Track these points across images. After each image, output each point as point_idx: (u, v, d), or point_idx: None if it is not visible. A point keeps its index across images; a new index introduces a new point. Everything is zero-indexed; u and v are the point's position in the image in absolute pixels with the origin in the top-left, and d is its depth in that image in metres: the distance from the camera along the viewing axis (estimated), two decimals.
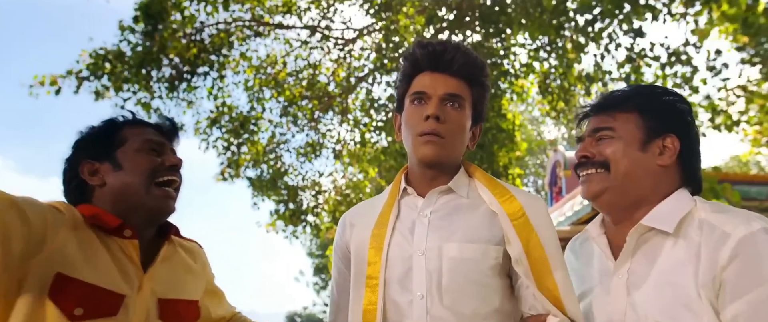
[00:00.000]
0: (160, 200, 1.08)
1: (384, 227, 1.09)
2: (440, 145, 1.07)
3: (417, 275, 1.03)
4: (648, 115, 1.07)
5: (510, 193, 1.08)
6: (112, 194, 1.07)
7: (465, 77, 1.11)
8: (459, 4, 6.28)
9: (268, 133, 7.67)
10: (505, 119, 6.48)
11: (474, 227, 1.05)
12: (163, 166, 1.09)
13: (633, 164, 1.05)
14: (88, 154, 1.09)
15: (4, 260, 0.87)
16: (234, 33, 6.65)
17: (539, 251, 1.01)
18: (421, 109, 1.09)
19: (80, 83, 5.45)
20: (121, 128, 1.11)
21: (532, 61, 6.76)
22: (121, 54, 5.50)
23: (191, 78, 6.20)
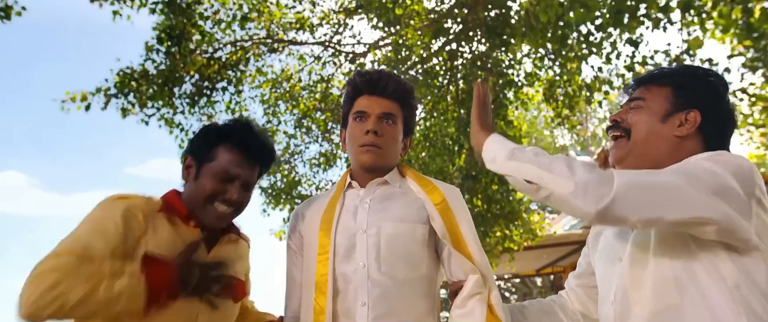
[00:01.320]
0: (211, 217, 1.29)
1: (332, 212, 1.35)
2: (377, 153, 1.35)
3: (360, 249, 1.29)
4: (680, 90, 1.15)
5: (433, 185, 1.35)
6: (187, 193, 1.31)
7: (397, 99, 1.39)
8: (465, 17, 6.50)
9: (282, 144, 7.95)
10: (511, 126, 6.65)
11: (405, 210, 1.33)
12: (223, 197, 1.29)
13: (650, 133, 1.14)
14: (192, 150, 1.33)
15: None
16: (250, 49, 6.95)
17: (456, 227, 1.29)
18: (362, 125, 1.36)
19: (108, 100, 5.80)
20: (220, 144, 1.31)
21: (536, 70, 6.94)
22: (146, 72, 5.84)
23: (211, 93, 6.51)
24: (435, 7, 7.04)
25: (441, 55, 6.89)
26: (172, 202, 1.29)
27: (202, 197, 1.28)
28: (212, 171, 1.29)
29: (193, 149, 1.33)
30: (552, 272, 11.40)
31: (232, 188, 1.29)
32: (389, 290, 1.26)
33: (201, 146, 1.32)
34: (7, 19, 4.39)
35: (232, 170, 1.29)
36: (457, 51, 6.85)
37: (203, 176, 1.29)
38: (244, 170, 1.31)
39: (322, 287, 1.27)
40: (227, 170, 1.29)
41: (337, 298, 1.27)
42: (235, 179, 1.29)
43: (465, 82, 6.71)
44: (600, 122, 20.49)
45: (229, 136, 1.32)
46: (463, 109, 6.60)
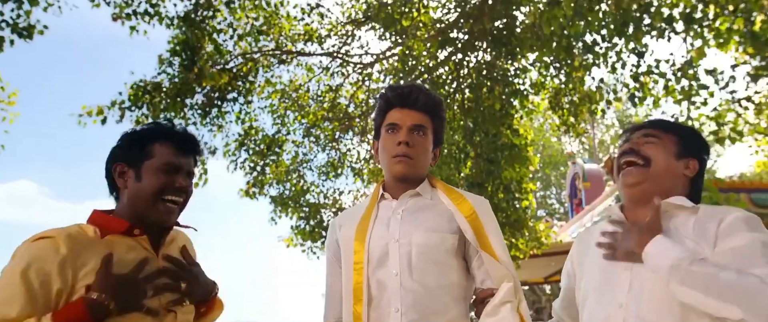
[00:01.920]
0: (162, 214, 1.31)
1: (366, 223, 1.43)
2: (409, 164, 1.42)
3: (392, 258, 1.36)
4: (684, 140, 1.38)
5: (463, 197, 1.42)
6: (129, 198, 1.31)
7: (427, 111, 1.46)
8: (470, 27, 6.59)
9: (291, 153, 8.06)
10: (517, 135, 6.70)
11: (436, 220, 1.40)
12: (172, 186, 1.31)
13: (668, 166, 1.33)
14: (122, 158, 1.33)
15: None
16: (260, 61, 7.08)
17: (485, 238, 1.37)
18: (394, 136, 1.43)
19: (123, 113, 5.94)
20: (152, 142, 1.33)
21: (542, 79, 6.99)
22: (159, 85, 5.99)
23: (222, 104, 6.64)
24: (441, 18, 7.14)
25: (447, 65, 6.98)
26: (104, 222, 1.28)
27: (151, 193, 1.29)
28: (155, 166, 1.30)
29: (122, 156, 1.33)
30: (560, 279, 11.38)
31: (178, 177, 1.32)
32: (421, 297, 1.32)
33: (132, 150, 1.33)
34: (30, 39, 4.52)
35: (175, 160, 1.33)
36: (463, 61, 6.93)
37: (146, 175, 1.30)
38: (184, 158, 1.35)
39: (358, 295, 1.35)
40: (171, 162, 1.32)
41: (371, 304, 1.35)
42: (179, 169, 1.33)
43: (471, 91, 6.78)
44: (607, 129, 20.47)
45: (158, 134, 1.35)
46: (469, 118, 6.67)
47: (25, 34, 4.50)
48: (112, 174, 1.33)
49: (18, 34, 4.52)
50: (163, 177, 1.31)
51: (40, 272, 1.14)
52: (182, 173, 1.35)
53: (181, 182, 1.33)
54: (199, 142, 1.43)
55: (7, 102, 5.47)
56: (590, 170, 11.93)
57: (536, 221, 7.05)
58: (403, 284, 1.34)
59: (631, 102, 5.36)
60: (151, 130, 1.36)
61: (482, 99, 6.53)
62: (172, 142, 1.35)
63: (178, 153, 1.35)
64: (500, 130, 6.38)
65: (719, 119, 5.36)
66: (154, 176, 1.31)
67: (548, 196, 20.75)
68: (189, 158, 1.38)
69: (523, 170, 6.44)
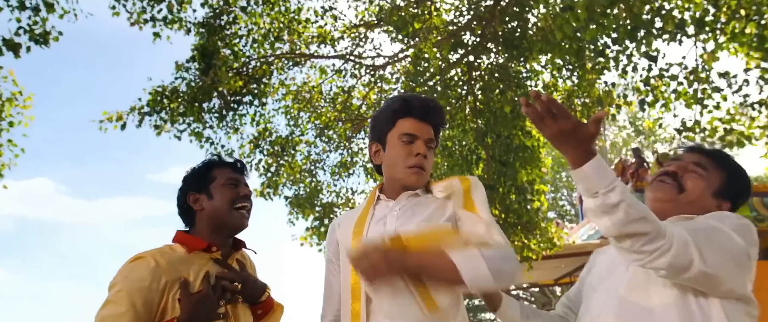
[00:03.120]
0: (238, 219, 1.56)
1: (363, 221, 1.48)
2: (423, 175, 1.48)
3: None
4: (729, 182, 1.37)
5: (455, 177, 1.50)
6: (208, 216, 1.55)
7: (436, 126, 1.52)
8: (482, 30, 6.64)
9: (304, 153, 8.16)
10: (529, 137, 6.73)
11: (429, 213, 1.43)
12: (239, 196, 1.57)
13: (699, 201, 1.34)
14: (191, 188, 1.58)
15: None
16: (274, 63, 7.20)
17: (470, 198, 1.43)
18: (411, 148, 1.46)
19: (142, 118, 6.10)
20: (212, 169, 1.61)
21: (555, 80, 7.02)
22: (177, 90, 6.13)
23: (237, 107, 6.77)
24: (453, 20, 7.20)
25: (459, 67, 7.03)
26: (190, 242, 1.52)
27: (227, 205, 1.54)
28: (220, 184, 1.57)
29: (191, 187, 1.58)
30: (570, 281, 11.37)
31: (241, 187, 1.59)
32: None
33: (197, 180, 1.58)
34: (46, 45, 4.66)
35: (234, 176, 1.59)
36: (474, 63, 6.98)
37: (216, 193, 1.56)
38: (240, 175, 1.62)
39: (356, 293, 1.39)
40: (232, 177, 1.58)
41: (370, 301, 1.38)
42: (239, 182, 1.59)
43: (483, 94, 6.83)
44: (620, 130, 20.34)
45: (214, 163, 1.62)
46: (481, 120, 6.72)
47: (41, 41, 4.63)
48: (188, 203, 1.57)
49: (34, 40, 4.66)
50: (230, 190, 1.56)
51: (142, 290, 1.36)
52: (242, 184, 1.60)
53: (245, 190, 1.59)
54: (243, 163, 1.68)
55: (22, 106, 5.63)
56: None
57: (548, 222, 7.07)
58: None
59: (640, 107, 5.37)
60: (208, 162, 1.63)
61: (494, 101, 6.58)
62: (227, 165, 1.62)
63: (234, 171, 1.61)
64: (512, 132, 6.42)
65: (731, 123, 5.36)
66: (223, 190, 1.56)
67: (559, 198, 20.69)
68: (243, 176, 1.64)
69: (535, 171, 6.47)
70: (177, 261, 1.45)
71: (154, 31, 5.85)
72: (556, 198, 19.97)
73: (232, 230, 1.57)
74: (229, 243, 1.60)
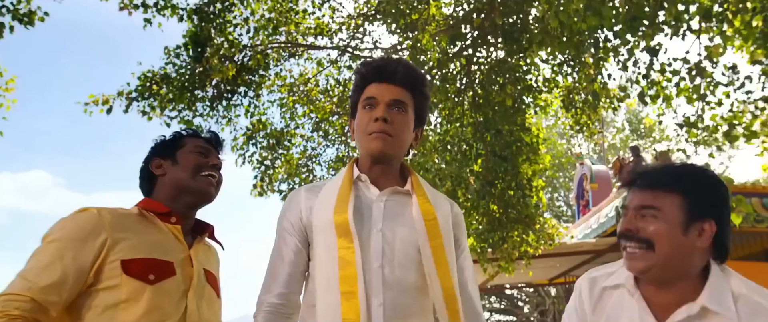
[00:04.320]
0: (204, 185, 1.44)
1: (345, 201, 1.28)
2: (387, 141, 1.31)
3: (375, 248, 1.26)
4: (691, 199, 1.15)
5: (434, 199, 1.39)
6: (169, 181, 1.43)
7: (407, 86, 1.35)
8: (481, 23, 6.54)
9: (300, 147, 8.04)
10: (528, 133, 6.64)
11: (413, 219, 1.32)
12: (207, 164, 1.46)
13: (675, 247, 1.13)
14: (157, 154, 1.48)
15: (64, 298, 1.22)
16: (270, 55, 7.07)
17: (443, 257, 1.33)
18: (371, 112, 1.32)
19: (130, 103, 5.95)
20: (182, 137, 1.51)
21: (555, 76, 6.92)
22: (167, 76, 5.99)
23: (231, 97, 6.64)
24: (452, 14, 7.10)
25: (458, 61, 6.93)
26: (148, 204, 1.41)
27: (190, 171, 1.43)
28: (188, 150, 1.46)
29: (157, 153, 1.48)
30: (565, 281, 11.29)
31: (210, 157, 1.48)
32: (401, 295, 1.25)
33: (165, 146, 1.48)
34: (31, 25, 4.51)
35: (206, 145, 1.49)
36: (473, 56, 6.87)
37: (182, 159, 1.45)
38: (212, 147, 1.51)
39: (352, 288, 1.22)
40: (202, 145, 1.48)
41: None
42: (210, 152, 1.49)
43: (482, 88, 6.72)
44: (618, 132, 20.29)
45: (186, 133, 1.53)
46: (480, 115, 6.62)
47: (25, 21, 4.48)
48: (150, 170, 1.46)
49: (18, 20, 4.48)
50: (197, 156, 1.46)
51: (76, 243, 1.23)
52: (213, 155, 1.50)
53: (215, 160, 1.48)
54: (220, 136, 1.58)
55: (4, 89, 5.46)
56: (598, 172, 11.81)
57: (547, 218, 6.98)
58: (385, 279, 1.25)
59: (640, 100, 5.26)
60: (179, 132, 1.54)
61: (493, 95, 6.48)
62: (199, 137, 1.52)
63: (206, 143, 1.51)
64: (512, 127, 6.33)
65: (734, 120, 5.27)
66: (190, 156, 1.45)
67: (556, 198, 20.62)
68: (216, 149, 1.53)
69: (534, 166, 6.38)
70: (127, 221, 1.33)
71: (145, 18, 5.72)
72: (553, 198, 19.90)
73: (196, 198, 1.43)
74: (192, 218, 1.47)
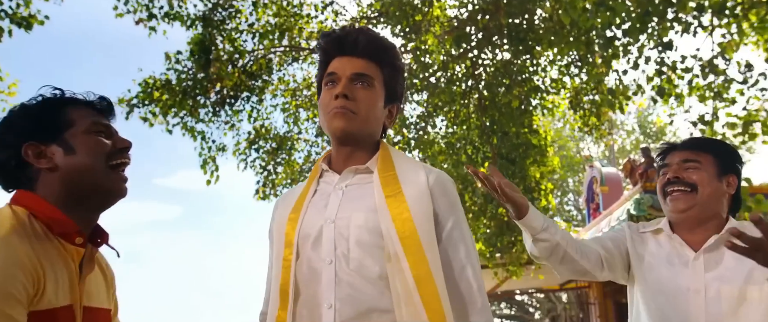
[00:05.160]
0: (118, 182, 1.06)
1: (301, 203, 1.17)
2: (350, 118, 1.14)
3: (326, 242, 1.10)
4: (721, 157, 1.49)
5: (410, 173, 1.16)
6: (64, 178, 1.01)
7: (372, 58, 1.18)
8: (486, 23, 6.43)
9: (304, 152, 7.96)
10: (536, 135, 6.51)
11: (377, 199, 1.11)
12: (116, 148, 1.07)
13: (713, 190, 1.45)
14: (30, 136, 1.02)
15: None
16: (274, 59, 7.02)
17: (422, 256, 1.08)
18: (333, 90, 1.16)
19: (131, 110, 5.91)
20: (64, 108, 1.06)
21: (562, 77, 6.80)
22: (169, 82, 5.94)
23: (234, 103, 6.58)
24: (457, 16, 7.00)
25: (463, 62, 6.82)
26: (48, 212, 0.98)
27: (99, 161, 1.03)
28: (82, 131, 1.04)
29: (30, 133, 1.02)
30: (576, 286, 11.08)
31: (116, 138, 1.09)
32: (359, 290, 1.06)
33: (40, 123, 1.03)
34: (29, 29, 4.45)
35: (104, 120, 1.09)
36: (479, 57, 6.76)
37: (78, 144, 1.03)
38: (108, 119, 1.11)
39: (284, 297, 1.11)
40: (99, 121, 1.07)
41: (299, 300, 1.10)
42: (110, 130, 1.09)
43: (488, 90, 6.61)
44: (628, 135, 20.04)
45: (63, 100, 1.08)
46: (486, 117, 6.50)
47: (24, 25, 4.43)
48: (24, 159, 1.01)
49: (17, 24, 4.42)
50: (101, 141, 1.06)
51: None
52: (116, 133, 1.10)
53: (123, 141, 1.09)
54: (111, 102, 1.15)
55: (7, 93, 5.39)
56: (608, 174, 11.60)
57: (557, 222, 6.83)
58: (338, 275, 1.08)
59: (658, 95, 5.10)
60: (56, 99, 1.08)
61: (500, 97, 6.36)
62: (86, 105, 1.09)
63: (101, 115, 1.10)
64: (520, 129, 6.20)
65: (749, 118, 5.12)
66: (91, 141, 1.04)
67: (566, 202, 20.38)
68: (111, 120, 1.13)
69: (542, 169, 6.24)
70: (45, 248, 0.95)
71: (150, 26, 5.69)
72: (563, 202, 19.66)
73: (104, 200, 1.06)
74: (93, 225, 1.08)
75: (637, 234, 1.57)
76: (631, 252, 1.54)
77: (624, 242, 1.56)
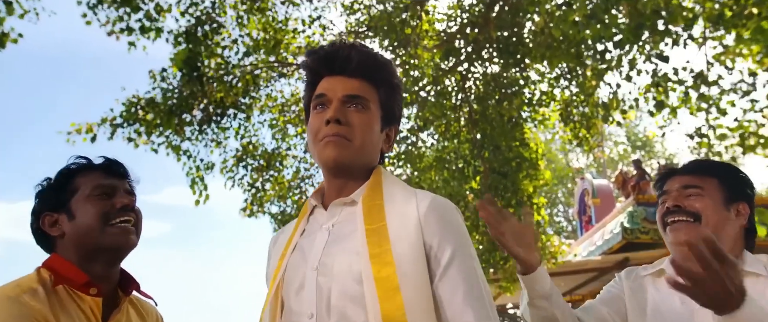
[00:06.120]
0: (117, 236, 1.13)
1: (288, 247, 1.05)
2: (344, 146, 1.00)
3: (308, 293, 0.96)
4: (727, 183, 1.30)
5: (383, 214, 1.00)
6: (72, 242, 1.13)
7: (367, 77, 1.05)
8: (476, 37, 6.39)
9: (292, 168, 7.81)
10: (527, 148, 6.45)
11: (358, 240, 0.97)
12: (114, 208, 1.13)
13: (720, 219, 1.26)
14: (47, 206, 1.16)
15: None
16: (260, 75, 6.89)
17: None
18: (322, 114, 1.03)
19: (114, 130, 5.73)
20: (73, 177, 1.16)
21: (552, 89, 6.76)
22: (153, 101, 5.79)
23: (220, 120, 6.43)
24: (445, 28, 6.95)
25: (453, 76, 6.76)
26: (64, 270, 1.10)
27: (95, 222, 1.11)
28: (85, 195, 1.14)
29: (45, 204, 1.16)
30: (570, 300, 10.99)
31: (117, 198, 1.15)
32: None
33: (52, 194, 1.16)
34: (2, 47, 4.35)
35: (106, 181, 1.16)
36: (469, 71, 6.71)
37: (79, 209, 1.13)
38: (116, 179, 1.18)
39: None
40: (101, 184, 1.15)
41: None
42: (114, 189, 1.16)
43: (478, 103, 6.54)
44: (616, 145, 20.17)
45: (77, 169, 1.18)
46: (477, 131, 6.43)
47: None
48: (43, 229, 1.15)
49: None
50: (99, 201, 1.14)
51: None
52: (119, 192, 1.17)
53: (122, 200, 1.15)
54: (121, 164, 1.23)
55: None
56: (600, 186, 11.61)
57: (550, 236, 6.74)
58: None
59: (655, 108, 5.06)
60: (68, 169, 1.19)
61: (490, 110, 6.29)
62: (95, 170, 1.18)
63: (107, 176, 1.18)
64: (511, 143, 6.12)
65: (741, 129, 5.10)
66: (89, 205, 1.13)
67: (555, 213, 20.38)
68: (121, 180, 1.20)
69: (535, 182, 6.16)
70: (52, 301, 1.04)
71: (129, 41, 5.54)
72: (552, 213, 19.67)
73: (111, 255, 1.14)
74: (115, 274, 1.17)
75: (636, 281, 1.37)
76: (630, 306, 1.35)
77: (621, 299, 1.37)
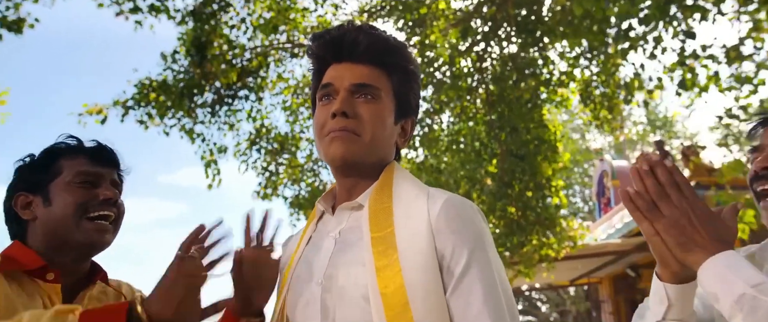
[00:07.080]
0: (91, 234, 1.02)
1: (295, 255, 0.96)
2: (352, 141, 0.90)
3: (312, 309, 0.88)
4: None
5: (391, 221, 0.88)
6: (42, 230, 1.03)
7: (377, 63, 0.94)
8: (493, 15, 6.18)
9: (306, 151, 7.75)
10: (546, 130, 6.28)
11: (363, 249, 0.87)
12: (96, 200, 1.03)
13: None
14: (24, 185, 1.06)
15: None
16: (271, 55, 6.79)
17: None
18: (329, 106, 0.93)
19: (126, 112, 5.71)
20: (57, 158, 1.06)
21: (572, 69, 6.56)
22: (165, 83, 5.74)
23: (232, 102, 6.36)
24: (462, 6, 6.75)
25: (469, 56, 6.58)
26: (15, 255, 1.00)
27: (71, 213, 1.01)
28: (66, 181, 1.03)
29: (22, 183, 1.06)
30: (588, 282, 10.87)
31: (101, 188, 1.05)
32: None
33: (32, 173, 1.06)
34: (19, 33, 4.33)
35: (92, 169, 1.05)
36: (485, 51, 6.53)
37: (56, 195, 1.02)
38: (103, 167, 1.07)
39: None
40: (86, 171, 1.05)
41: None
42: (99, 178, 1.06)
43: (495, 84, 6.38)
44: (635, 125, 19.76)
45: (63, 150, 1.07)
46: (494, 112, 6.28)
47: (14, 28, 4.29)
48: (14, 209, 1.05)
49: (7, 27, 4.32)
50: (80, 190, 1.03)
51: None
52: (105, 182, 1.07)
53: (105, 192, 1.05)
54: (117, 154, 1.12)
55: None
56: (619, 168, 11.37)
57: (568, 219, 6.60)
58: None
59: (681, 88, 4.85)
60: (54, 148, 1.08)
61: (507, 91, 6.12)
62: (82, 154, 1.07)
63: (94, 163, 1.07)
64: (529, 125, 5.96)
65: None
66: (68, 192, 1.03)
67: (572, 195, 20.14)
68: (110, 169, 1.09)
69: (553, 165, 6.01)
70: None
71: (136, 20, 5.46)
72: (569, 194, 19.43)
73: (82, 252, 1.04)
74: (83, 270, 1.07)
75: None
76: None
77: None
